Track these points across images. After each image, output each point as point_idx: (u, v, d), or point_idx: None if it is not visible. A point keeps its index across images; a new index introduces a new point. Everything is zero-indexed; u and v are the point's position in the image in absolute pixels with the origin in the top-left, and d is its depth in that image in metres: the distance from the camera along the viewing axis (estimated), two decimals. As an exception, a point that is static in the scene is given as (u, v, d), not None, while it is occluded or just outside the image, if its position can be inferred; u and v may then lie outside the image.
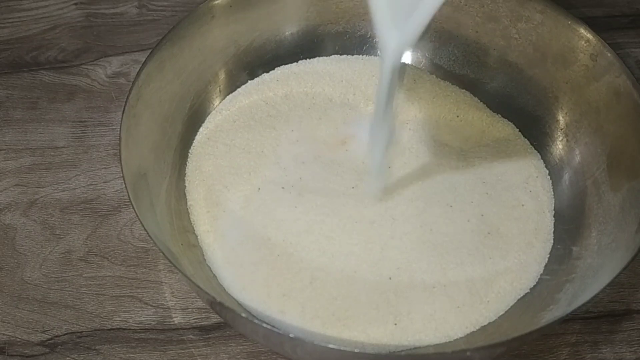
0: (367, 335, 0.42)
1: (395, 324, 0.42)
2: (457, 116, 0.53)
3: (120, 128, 0.42)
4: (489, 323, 0.43)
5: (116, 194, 0.52)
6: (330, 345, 0.35)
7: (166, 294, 0.47)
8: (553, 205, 0.49)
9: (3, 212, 0.51)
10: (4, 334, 0.45)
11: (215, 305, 0.39)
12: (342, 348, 0.35)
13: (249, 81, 0.54)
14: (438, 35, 0.55)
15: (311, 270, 0.44)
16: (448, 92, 0.55)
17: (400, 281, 0.44)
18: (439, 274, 0.44)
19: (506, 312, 0.44)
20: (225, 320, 0.45)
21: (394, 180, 0.49)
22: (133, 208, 0.40)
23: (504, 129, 0.53)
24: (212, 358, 0.44)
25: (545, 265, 0.46)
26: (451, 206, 0.48)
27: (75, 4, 0.64)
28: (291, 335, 0.35)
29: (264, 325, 0.36)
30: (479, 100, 0.54)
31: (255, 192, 0.48)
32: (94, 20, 0.63)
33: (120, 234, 0.50)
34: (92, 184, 0.52)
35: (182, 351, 0.44)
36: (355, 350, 0.35)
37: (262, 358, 0.44)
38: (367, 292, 0.43)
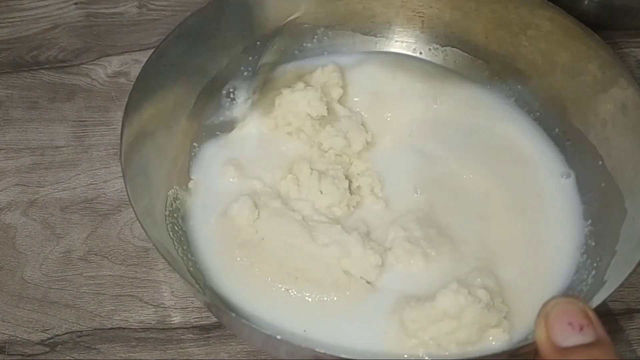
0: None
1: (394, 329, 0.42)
2: None
3: (123, 122, 0.42)
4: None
5: (116, 193, 0.52)
6: (327, 351, 0.34)
7: (166, 294, 0.47)
8: None
9: (3, 212, 0.51)
10: (4, 333, 0.45)
11: (212, 307, 0.39)
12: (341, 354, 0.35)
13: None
14: (447, 39, 0.55)
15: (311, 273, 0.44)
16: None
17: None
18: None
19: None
20: (220, 322, 0.45)
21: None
22: (130, 203, 0.39)
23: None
24: (211, 357, 0.44)
25: None
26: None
27: (75, 3, 0.64)
28: (278, 337, 0.35)
29: (253, 325, 0.36)
30: None
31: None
32: (94, 20, 0.63)
33: (120, 233, 0.50)
34: (92, 184, 0.52)
35: (182, 350, 0.45)
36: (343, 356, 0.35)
37: (262, 357, 0.44)
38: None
